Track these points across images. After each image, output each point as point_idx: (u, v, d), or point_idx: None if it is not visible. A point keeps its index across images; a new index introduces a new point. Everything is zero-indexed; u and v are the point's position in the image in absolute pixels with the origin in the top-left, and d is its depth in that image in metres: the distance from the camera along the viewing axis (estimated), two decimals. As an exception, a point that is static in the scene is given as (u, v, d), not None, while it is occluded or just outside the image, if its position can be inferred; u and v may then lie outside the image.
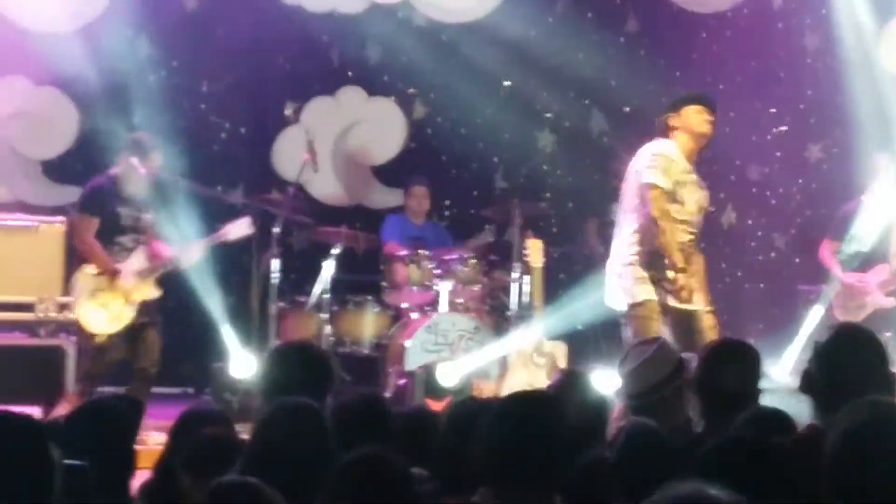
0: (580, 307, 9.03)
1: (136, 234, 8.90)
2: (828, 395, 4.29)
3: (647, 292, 7.67)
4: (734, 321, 10.48)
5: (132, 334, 8.84)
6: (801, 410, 4.65)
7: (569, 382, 4.89)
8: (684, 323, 7.73)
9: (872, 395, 3.76)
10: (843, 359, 4.42)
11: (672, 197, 7.70)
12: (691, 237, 7.81)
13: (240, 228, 9.20)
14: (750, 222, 12.01)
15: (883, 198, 9.82)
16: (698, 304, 7.78)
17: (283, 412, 4.14)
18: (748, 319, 11.23)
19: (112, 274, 8.78)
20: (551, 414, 3.76)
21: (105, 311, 8.80)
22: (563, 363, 9.21)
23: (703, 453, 3.69)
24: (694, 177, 7.87)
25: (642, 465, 4.19)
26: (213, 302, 9.31)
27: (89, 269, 8.87)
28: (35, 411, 7.84)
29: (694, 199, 7.84)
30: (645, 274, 7.71)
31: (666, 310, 7.70)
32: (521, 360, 9.11)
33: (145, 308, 8.89)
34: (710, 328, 7.76)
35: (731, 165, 11.67)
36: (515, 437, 3.70)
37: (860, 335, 4.61)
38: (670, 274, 7.65)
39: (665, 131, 7.90)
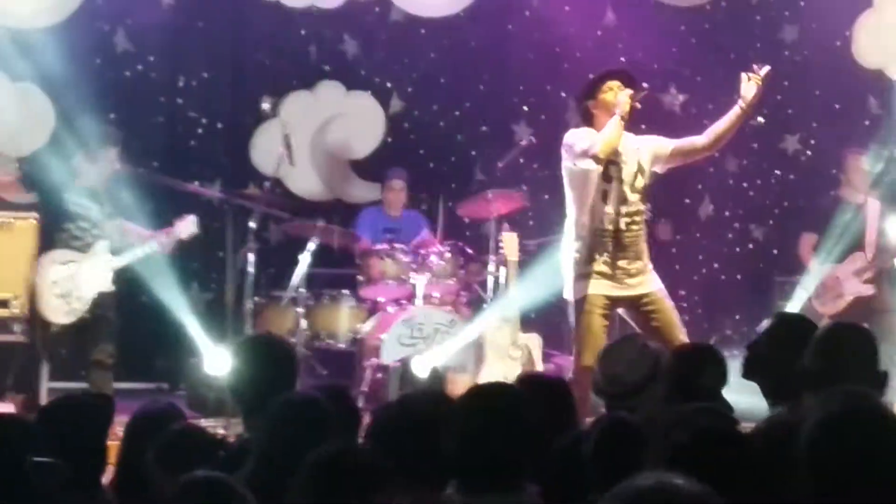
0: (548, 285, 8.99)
1: (87, 222, 8.93)
2: (818, 388, 4.30)
3: (587, 287, 7.56)
4: (711, 312, 10.50)
5: (85, 326, 8.88)
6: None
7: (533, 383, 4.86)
8: (637, 308, 7.66)
9: (848, 386, 3.76)
10: (837, 354, 4.43)
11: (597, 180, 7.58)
12: (629, 220, 7.60)
13: (188, 226, 9.22)
14: (727, 214, 12.01)
15: (858, 193, 9.89)
16: (646, 286, 7.66)
17: (297, 407, 4.13)
18: (725, 311, 11.25)
19: None
20: (513, 406, 3.76)
21: (62, 301, 8.82)
22: (538, 355, 9.19)
23: (671, 444, 3.67)
24: (626, 157, 7.64)
25: (619, 459, 4.18)
26: (188, 297, 9.30)
27: (51, 256, 8.92)
28: (9, 408, 7.83)
29: (629, 178, 7.65)
30: (586, 269, 7.58)
31: (615, 301, 7.61)
32: (497, 352, 9.10)
33: (101, 300, 8.91)
34: (665, 309, 7.65)
35: (708, 157, 11.64)
36: (478, 429, 3.70)
37: (854, 331, 4.64)
38: (604, 267, 7.54)
39: (588, 119, 7.70)
